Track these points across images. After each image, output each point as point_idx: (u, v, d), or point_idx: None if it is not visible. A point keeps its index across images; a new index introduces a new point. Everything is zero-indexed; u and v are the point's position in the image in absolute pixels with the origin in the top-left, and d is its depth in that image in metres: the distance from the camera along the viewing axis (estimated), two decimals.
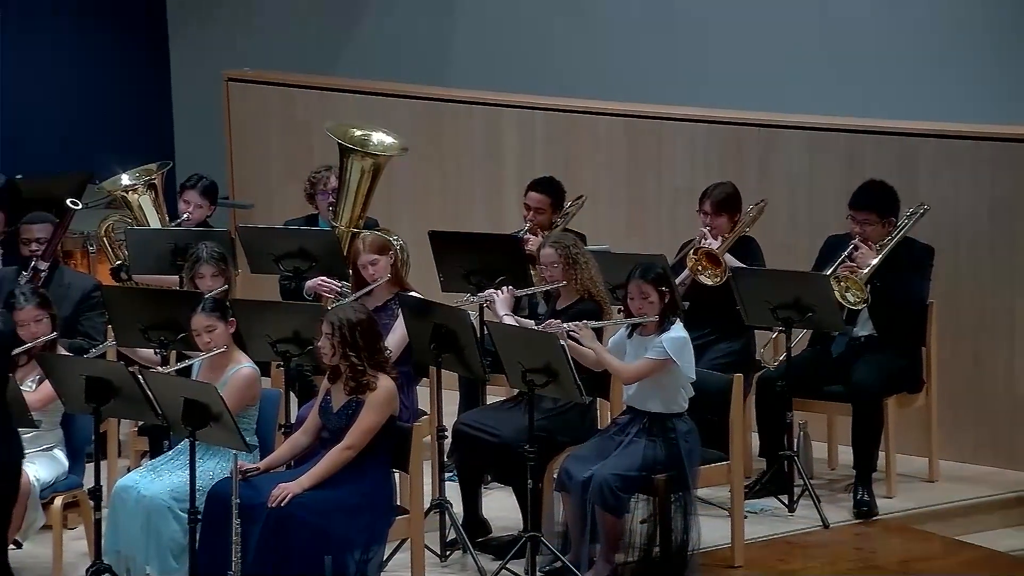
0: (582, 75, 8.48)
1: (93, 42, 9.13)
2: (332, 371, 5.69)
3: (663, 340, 5.80)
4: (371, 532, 5.57)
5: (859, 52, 8.01)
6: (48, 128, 8.85)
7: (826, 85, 8.00)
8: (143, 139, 9.02)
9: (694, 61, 8.34)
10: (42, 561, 5.91)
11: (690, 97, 7.99)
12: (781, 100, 7.85)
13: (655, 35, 8.44)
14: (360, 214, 7.00)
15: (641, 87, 8.19)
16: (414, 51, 8.90)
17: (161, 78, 9.33)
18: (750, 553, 6.11)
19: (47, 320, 5.91)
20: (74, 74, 9.02)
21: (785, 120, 7.56)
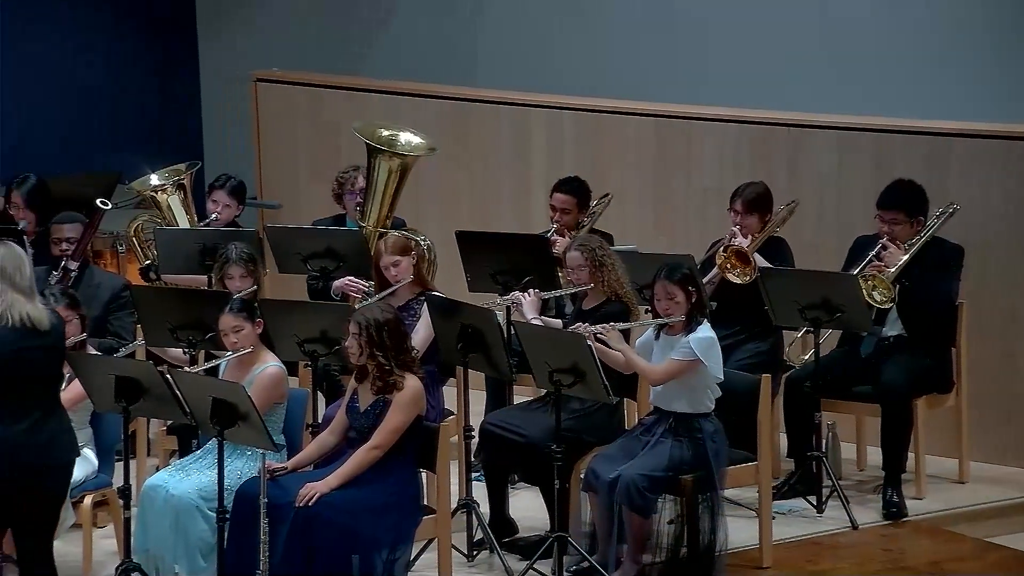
0: (610, 75, 8.47)
1: (123, 43, 9.18)
2: (359, 371, 5.70)
3: (690, 340, 5.79)
4: (398, 532, 5.57)
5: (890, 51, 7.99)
6: (78, 128, 8.91)
7: (852, 84, 7.97)
8: (172, 139, 9.07)
9: (723, 61, 8.31)
10: (72, 560, 5.94)
11: (719, 97, 7.97)
12: (809, 99, 7.83)
13: (685, 36, 8.42)
14: (387, 214, 7.01)
15: (671, 87, 8.18)
16: (442, 51, 8.91)
17: (190, 79, 9.37)
18: (778, 554, 6.09)
19: (77, 320, 5.95)
20: (104, 74, 9.08)
21: (814, 120, 7.53)
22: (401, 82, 8.49)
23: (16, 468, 4.90)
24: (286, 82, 8.61)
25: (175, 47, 9.38)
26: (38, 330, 4.92)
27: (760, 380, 6.06)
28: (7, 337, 4.88)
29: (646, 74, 8.40)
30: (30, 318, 4.90)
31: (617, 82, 8.37)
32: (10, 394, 4.89)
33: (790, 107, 7.73)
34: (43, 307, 4.99)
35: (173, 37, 9.39)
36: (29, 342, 4.90)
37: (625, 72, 8.46)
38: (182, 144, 8.99)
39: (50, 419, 4.98)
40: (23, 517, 4.98)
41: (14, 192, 7.18)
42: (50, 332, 4.96)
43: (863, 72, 7.99)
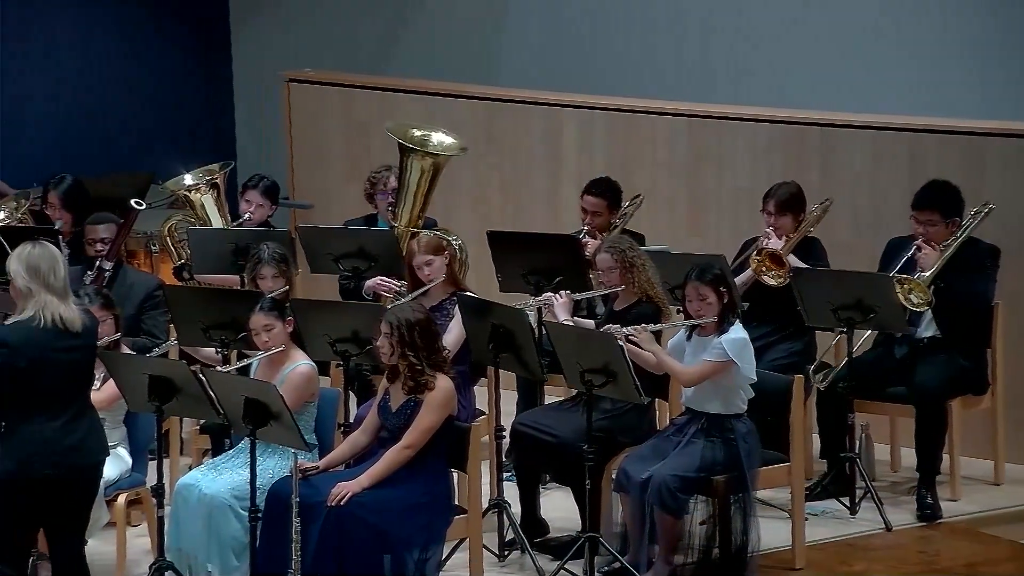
0: (642, 74, 8.45)
1: (157, 44, 9.23)
2: (391, 370, 5.71)
3: (723, 341, 5.77)
4: (430, 531, 5.58)
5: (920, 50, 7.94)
6: (111, 128, 8.96)
7: (886, 83, 7.92)
8: (205, 139, 9.11)
9: (756, 61, 8.28)
10: (106, 558, 5.97)
11: (752, 97, 7.94)
12: (843, 99, 7.79)
13: (718, 35, 8.39)
14: (419, 214, 7.01)
15: (703, 87, 8.15)
16: (473, 51, 8.91)
17: (223, 79, 9.41)
18: (811, 555, 6.06)
19: (111, 320, 5.97)
20: (138, 76, 9.12)
21: (848, 119, 7.49)
22: (433, 82, 8.50)
23: (48, 467, 4.92)
24: (318, 82, 8.63)
25: (209, 48, 9.42)
26: (70, 331, 4.94)
27: (793, 381, 6.03)
28: (39, 338, 4.90)
29: (678, 73, 8.38)
30: (63, 319, 4.92)
31: (649, 82, 8.35)
32: (42, 394, 4.91)
33: (823, 107, 7.69)
34: (76, 308, 5.01)
35: (207, 38, 9.43)
36: (62, 343, 4.93)
37: (657, 72, 8.44)
38: (215, 144, 9.02)
39: (82, 419, 5.01)
40: (55, 516, 5.00)
41: (51, 192, 7.23)
42: (82, 333, 4.98)
43: (897, 72, 7.94)
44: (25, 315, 4.91)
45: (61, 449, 4.93)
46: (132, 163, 8.45)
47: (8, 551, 4.98)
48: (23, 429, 4.91)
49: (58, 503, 4.97)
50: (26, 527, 5.00)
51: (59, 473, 4.93)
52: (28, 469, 4.90)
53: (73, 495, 5.01)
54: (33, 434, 4.91)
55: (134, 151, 8.78)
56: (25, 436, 4.91)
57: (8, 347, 4.88)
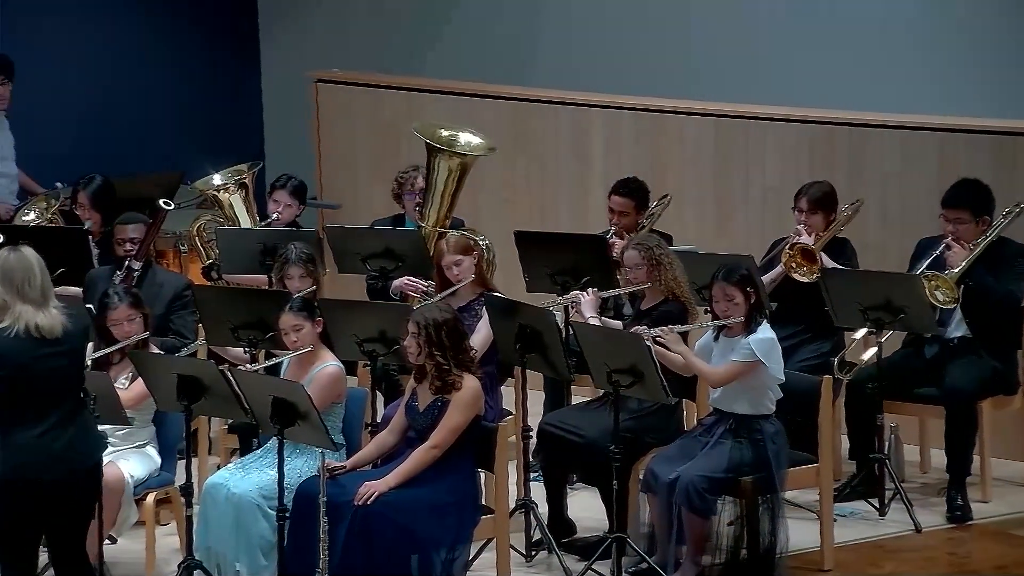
0: (670, 74, 8.43)
1: (186, 43, 9.26)
2: (418, 370, 5.71)
3: (750, 342, 5.75)
4: (457, 531, 5.58)
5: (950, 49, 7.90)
6: (141, 128, 9.00)
7: (916, 82, 7.88)
8: (234, 139, 9.13)
9: (783, 60, 8.24)
10: (135, 556, 6.00)
11: (780, 96, 7.91)
12: (872, 99, 7.75)
13: (746, 34, 8.36)
14: (447, 214, 7.02)
15: (730, 86, 8.12)
16: (501, 51, 8.91)
17: (252, 79, 9.44)
18: (840, 557, 6.04)
19: (140, 319, 5.99)
20: (167, 75, 9.16)
21: (877, 119, 7.45)
22: (460, 82, 8.50)
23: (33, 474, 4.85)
24: (346, 83, 8.65)
25: (237, 48, 9.45)
26: (47, 339, 4.84)
27: (821, 381, 6.01)
28: (12, 348, 4.82)
29: (707, 73, 8.35)
30: (38, 328, 4.82)
31: (676, 81, 8.33)
32: (20, 404, 4.84)
33: (853, 107, 7.65)
34: (58, 313, 4.89)
35: (235, 38, 9.46)
36: (37, 352, 4.83)
37: (684, 71, 8.42)
38: (244, 144, 9.04)
39: (69, 425, 4.91)
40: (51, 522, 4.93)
41: (80, 192, 7.26)
42: (63, 339, 4.88)
43: (926, 71, 7.89)
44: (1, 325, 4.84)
45: (45, 457, 4.85)
46: (161, 163, 8.47)
47: (12, 559, 4.94)
48: (6, 438, 4.86)
49: (52, 509, 4.90)
50: (25, 535, 4.93)
51: (46, 480, 4.85)
52: (14, 477, 4.85)
53: (67, 501, 4.92)
54: (16, 443, 4.85)
55: (163, 151, 8.81)
56: (9, 445, 4.86)
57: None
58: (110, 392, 5.65)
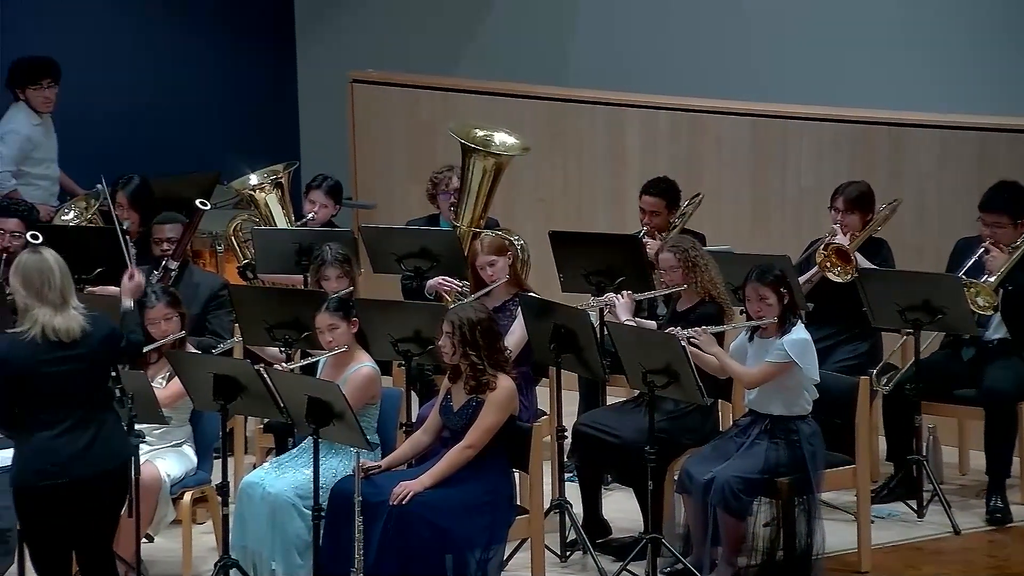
0: (707, 74, 8.40)
1: (223, 44, 9.30)
2: (453, 370, 5.72)
3: (784, 343, 5.72)
4: (492, 531, 5.58)
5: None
6: (179, 128, 9.04)
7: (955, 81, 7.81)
8: (270, 139, 9.16)
9: (821, 59, 8.20)
10: (172, 555, 6.03)
11: (816, 96, 7.86)
12: (909, 98, 7.69)
13: (783, 34, 8.32)
14: (481, 214, 7.02)
15: (767, 86, 8.08)
16: (536, 51, 8.90)
17: (288, 80, 9.47)
18: (877, 558, 6.00)
19: (177, 318, 6.02)
20: (204, 75, 9.20)
21: (915, 119, 7.39)
22: (496, 82, 8.50)
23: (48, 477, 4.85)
24: (382, 83, 8.66)
25: (274, 49, 9.48)
26: (64, 341, 4.84)
27: (858, 382, 5.97)
28: (25, 351, 4.82)
29: (742, 73, 8.32)
30: (55, 330, 4.82)
31: (713, 81, 8.29)
32: (36, 406, 4.85)
33: (890, 106, 7.60)
34: (78, 315, 4.88)
35: (272, 39, 9.50)
36: (52, 354, 4.84)
37: (721, 71, 8.39)
38: (280, 144, 9.07)
39: (88, 427, 4.90)
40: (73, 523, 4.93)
41: (119, 192, 7.30)
42: (80, 341, 4.87)
43: (965, 70, 7.83)
44: (18, 328, 4.86)
45: (61, 459, 4.84)
46: (198, 163, 8.51)
47: (42, 563, 4.96)
48: (25, 441, 4.88)
49: (75, 511, 4.90)
50: (51, 538, 4.93)
51: (65, 482, 4.85)
52: (32, 480, 4.85)
53: (91, 502, 4.92)
54: (33, 445, 4.86)
55: (200, 151, 8.84)
56: (27, 448, 4.88)
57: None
58: (147, 391, 5.68)
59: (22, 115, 8.01)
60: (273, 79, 9.45)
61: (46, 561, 4.96)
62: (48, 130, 8.10)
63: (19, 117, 8.01)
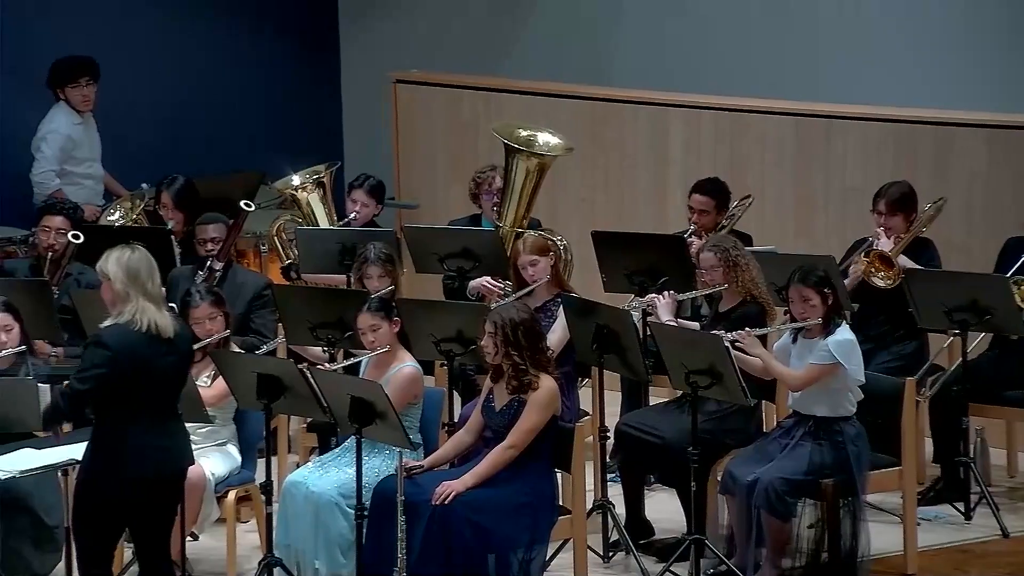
0: (749, 73, 8.36)
1: (266, 44, 9.34)
2: (495, 370, 5.71)
3: (829, 344, 5.69)
4: (534, 531, 5.57)
5: None
6: (223, 129, 9.09)
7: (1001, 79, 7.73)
8: (313, 139, 9.19)
9: (865, 59, 8.14)
10: (217, 553, 6.05)
11: (861, 95, 7.80)
12: (955, 97, 7.62)
13: (827, 33, 8.26)
14: (524, 214, 7.01)
15: (811, 85, 8.03)
16: (580, 51, 8.88)
17: (331, 80, 9.50)
18: (924, 561, 5.95)
19: (221, 318, 6.05)
20: (247, 76, 9.24)
21: (962, 117, 7.32)
22: (539, 82, 8.49)
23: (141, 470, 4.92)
24: (425, 83, 8.67)
25: (317, 49, 9.52)
26: (164, 337, 4.94)
27: (904, 383, 5.92)
28: (138, 343, 4.90)
29: (786, 72, 8.27)
30: (157, 326, 4.91)
31: (756, 80, 8.25)
32: (138, 399, 4.92)
33: (936, 104, 7.53)
34: (169, 315, 5.00)
35: (315, 39, 9.53)
36: (158, 349, 4.93)
37: (764, 70, 8.34)
38: (323, 145, 9.10)
39: (173, 423, 5.01)
40: (143, 518, 5.01)
41: (164, 193, 7.35)
42: (175, 340, 4.98)
43: (1012, 68, 7.74)
44: (123, 319, 4.91)
45: (154, 453, 4.93)
46: (242, 163, 8.55)
47: (95, 555, 5.01)
48: (119, 432, 4.92)
49: (147, 506, 4.97)
50: (114, 531, 5.01)
51: (151, 476, 4.93)
52: (122, 472, 4.91)
53: (162, 498, 5.01)
54: (128, 438, 4.92)
55: (244, 151, 8.88)
56: (120, 439, 4.92)
57: (110, 351, 4.89)
58: (192, 390, 5.71)
59: (62, 115, 8.08)
60: (316, 79, 9.48)
61: (97, 557, 5.01)
62: (89, 129, 8.17)
63: (59, 117, 8.08)
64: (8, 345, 5.94)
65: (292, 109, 9.34)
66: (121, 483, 4.92)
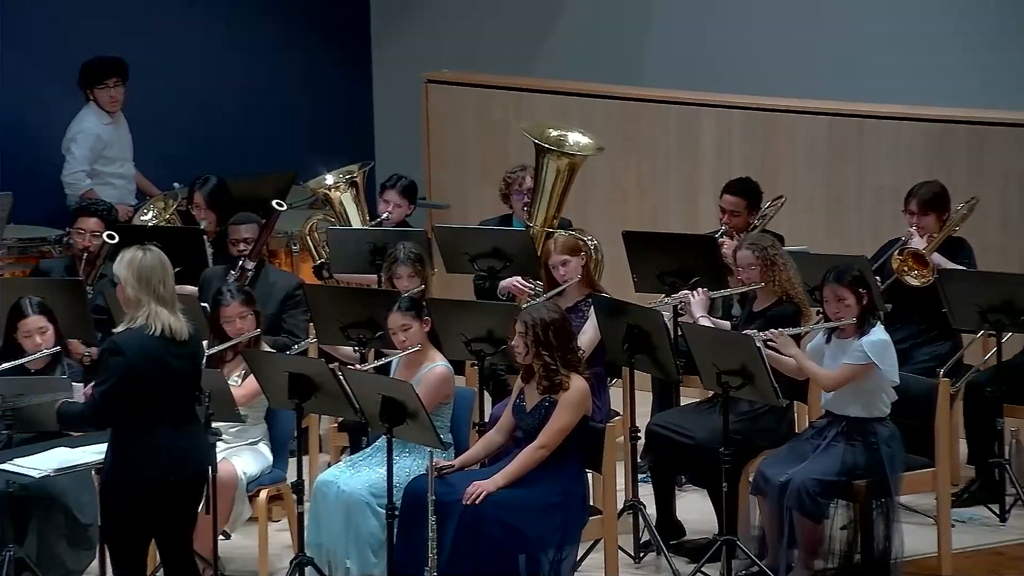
0: (781, 73, 8.32)
1: (298, 44, 9.37)
2: (525, 370, 5.71)
3: (863, 344, 5.65)
4: (565, 532, 5.56)
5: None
6: (255, 129, 9.12)
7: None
8: (345, 139, 9.21)
9: (898, 58, 8.09)
10: (248, 552, 6.07)
11: (893, 94, 7.76)
12: (989, 95, 7.56)
13: (859, 32, 8.22)
14: (555, 214, 7.00)
15: (844, 84, 7.99)
16: (610, 51, 8.87)
17: (363, 80, 9.52)
18: (958, 563, 5.92)
19: (251, 316, 6.06)
20: (280, 76, 9.27)
21: (995, 116, 7.27)
22: (570, 82, 8.48)
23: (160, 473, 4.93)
24: (456, 83, 8.67)
25: (349, 49, 9.54)
26: (177, 340, 4.94)
27: (938, 384, 5.88)
28: (152, 346, 4.91)
29: (818, 71, 8.23)
30: (171, 328, 4.92)
31: (789, 80, 8.21)
32: (154, 402, 4.93)
33: (970, 103, 7.47)
34: (183, 317, 4.99)
35: (347, 40, 9.55)
36: (172, 351, 4.93)
37: (796, 70, 8.30)
38: (355, 144, 9.12)
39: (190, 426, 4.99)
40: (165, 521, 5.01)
41: (196, 193, 7.38)
42: (188, 342, 4.98)
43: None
44: (136, 324, 4.93)
45: (172, 455, 4.93)
46: (274, 163, 8.58)
47: (123, 556, 5.03)
48: (136, 436, 4.94)
49: (172, 508, 4.98)
50: (141, 534, 5.02)
51: (168, 479, 4.94)
52: (140, 475, 4.93)
53: (181, 501, 5.00)
54: (146, 441, 4.93)
55: (276, 151, 8.91)
56: (138, 443, 4.93)
57: (124, 355, 4.90)
58: (224, 389, 5.73)
59: (92, 115, 8.13)
60: (348, 79, 9.50)
61: (128, 558, 5.03)
62: (120, 129, 8.21)
63: (89, 117, 8.13)
64: (43, 347, 5.97)
65: (324, 109, 9.36)
66: (139, 486, 4.92)
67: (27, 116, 8.44)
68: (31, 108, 8.43)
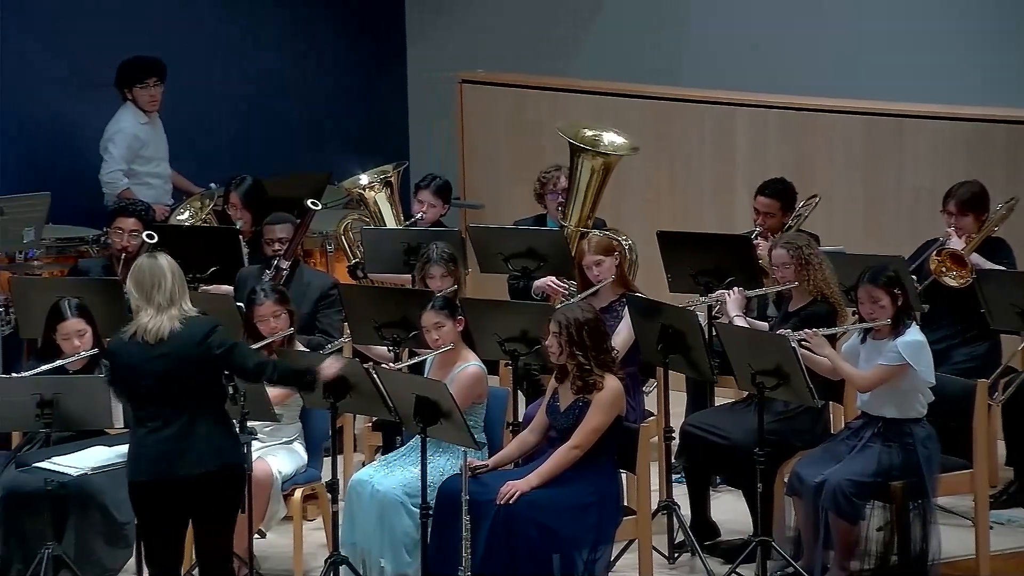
0: (818, 72, 8.28)
1: (334, 45, 9.40)
2: (559, 370, 5.70)
3: (898, 344, 5.62)
4: (599, 532, 5.56)
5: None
6: (290, 129, 9.16)
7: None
8: (380, 139, 9.23)
9: (934, 57, 8.03)
10: (283, 551, 6.09)
11: (930, 94, 7.70)
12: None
13: (896, 31, 8.17)
14: (589, 214, 6.99)
15: (880, 84, 7.94)
16: (645, 51, 8.85)
17: (398, 80, 9.54)
18: (996, 565, 5.87)
19: (285, 315, 6.08)
20: (315, 76, 9.30)
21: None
22: (604, 82, 8.47)
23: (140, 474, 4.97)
24: (490, 83, 8.67)
25: (384, 49, 9.56)
26: (150, 342, 4.96)
27: (976, 385, 5.83)
28: (126, 351, 4.99)
29: (854, 71, 8.18)
30: (146, 331, 4.96)
31: (825, 80, 8.17)
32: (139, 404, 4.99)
33: (1008, 103, 7.41)
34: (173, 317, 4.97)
35: (382, 39, 9.57)
36: (147, 354, 4.96)
37: (832, 69, 8.26)
38: (390, 144, 9.14)
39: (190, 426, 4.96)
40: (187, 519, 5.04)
41: (232, 192, 7.41)
42: (168, 340, 4.96)
43: None
44: (127, 330, 5.02)
45: (153, 456, 4.94)
46: (309, 163, 8.61)
47: (150, 556, 5.08)
48: (132, 437, 5.05)
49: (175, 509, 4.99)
50: (156, 532, 5.04)
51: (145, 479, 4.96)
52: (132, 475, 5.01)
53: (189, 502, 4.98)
54: (134, 442, 5.03)
55: (311, 152, 8.94)
56: (131, 444, 5.04)
57: (108, 362, 5.09)
58: (259, 388, 5.75)
59: (129, 115, 8.17)
60: (383, 80, 9.52)
61: (153, 555, 5.06)
62: (156, 129, 8.25)
63: (126, 117, 8.17)
64: (82, 349, 6.02)
65: (359, 109, 9.39)
66: (128, 486, 5.01)
67: (65, 116, 8.50)
68: (69, 108, 8.49)
